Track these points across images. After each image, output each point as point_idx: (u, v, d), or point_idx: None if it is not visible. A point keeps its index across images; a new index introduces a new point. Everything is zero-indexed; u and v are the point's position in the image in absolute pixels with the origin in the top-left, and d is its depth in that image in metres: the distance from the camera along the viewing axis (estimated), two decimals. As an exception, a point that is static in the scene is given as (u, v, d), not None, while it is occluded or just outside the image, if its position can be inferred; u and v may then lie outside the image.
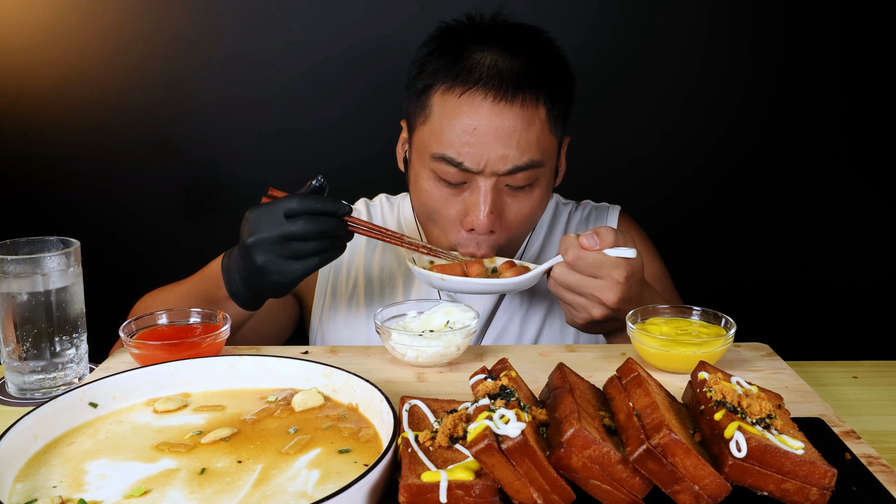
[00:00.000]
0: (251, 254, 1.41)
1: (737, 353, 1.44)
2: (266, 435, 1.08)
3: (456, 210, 1.62)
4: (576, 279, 1.46)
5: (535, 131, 1.57)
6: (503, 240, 1.64)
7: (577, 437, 0.90)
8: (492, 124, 1.54)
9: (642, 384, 1.02)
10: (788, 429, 1.00)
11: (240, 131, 2.63)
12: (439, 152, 1.58)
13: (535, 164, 1.58)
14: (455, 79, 1.57)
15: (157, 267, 2.60)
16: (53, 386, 1.34)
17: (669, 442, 0.89)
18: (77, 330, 1.36)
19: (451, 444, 0.97)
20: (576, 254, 1.44)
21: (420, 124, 1.64)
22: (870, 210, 2.74)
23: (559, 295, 1.50)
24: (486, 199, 1.57)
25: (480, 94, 1.55)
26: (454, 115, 1.56)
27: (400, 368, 1.37)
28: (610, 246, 1.44)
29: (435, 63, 1.61)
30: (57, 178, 2.63)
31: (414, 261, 1.60)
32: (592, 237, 1.44)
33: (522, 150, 1.56)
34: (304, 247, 1.40)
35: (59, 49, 2.56)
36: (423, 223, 1.72)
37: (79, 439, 1.08)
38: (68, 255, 1.34)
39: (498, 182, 1.58)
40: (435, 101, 1.60)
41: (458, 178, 1.58)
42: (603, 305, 1.45)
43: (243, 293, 1.50)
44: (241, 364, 1.23)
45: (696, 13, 2.60)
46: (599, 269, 1.44)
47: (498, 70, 1.56)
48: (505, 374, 1.07)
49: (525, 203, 1.62)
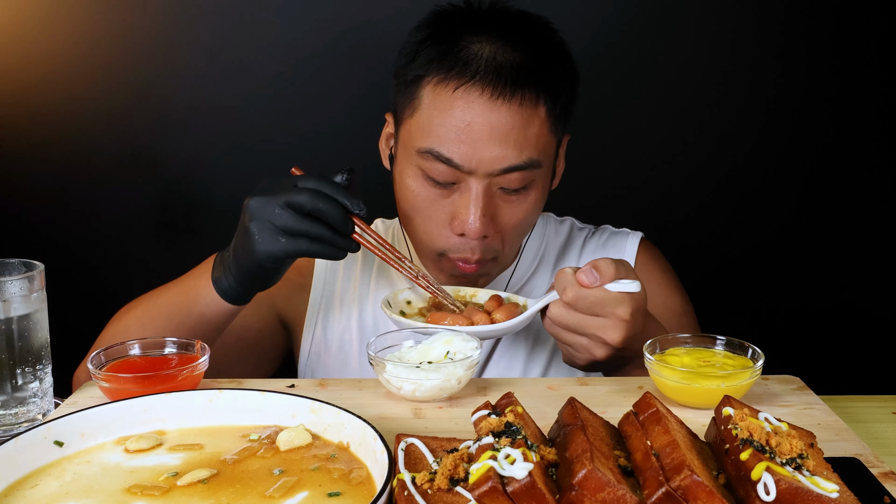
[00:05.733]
0: (246, 211, 1.43)
1: (765, 386, 1.44)
2: (248, 477, 1.09)
3: (445, 212, 1.62)
4: (576, 319, 1.44)
5: (534, 130, 1.58)
6: (498, 244, 1.64)
7: (590, 479, 0.90)
8: (487, 122, 1.55)
9: (661, 421, 1.03)
10: (822, 470, 1.00)
11: (219, 143, 2.64)
12: (427, 146, 1.58)
13: (533, 163, 1.59)
14: (449, 71, 1.57)
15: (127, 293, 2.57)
16: (15, 423, 1.34)
17: (691, 484, 0.90)
18: (41, 361, 1.37)
19: (452, 487, 0.97)
20: (575, 293, 1.43)
21: (408, 117, 1.64)
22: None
23: (557, 336, 1.49)
24: (477, 201, 1.57)
25: (477, 90, 1.55)
26: (446, 109, 1.57)
27: (395, 403, 1.37)
28: (611, 280, 1.42)
29: (428, 52, 1.61)
30: (17, 195, 2.64)
31: (389, 304, 1.59)
32: (591, 273, 1.42)
33: (520, 148, 1.56)
34: (299, 223, 1.41)
35: (18, 52, 2.56)
36: (407, 227, 1.72)
37: (43, 481, 1.08)
38: (31, 280, 1.34)
39: (491, 184, 1.58)
40: (425, 93, 1.60)
41: (448, 178, 1.58)
42: (607, 346, 1.45)
43: (226, 276, 1.50)
44: (220, 399, 1.24)
45: (722, 12, 2.61)
46: (602, 308, 1.42)
47: (496, 64, 1.56)
48: (510, 410, 1.07)
49: (520, 207, 1.63)
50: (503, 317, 1.52)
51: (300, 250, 1.43)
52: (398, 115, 1.68)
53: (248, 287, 1.52)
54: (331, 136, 2.64)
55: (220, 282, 1.52)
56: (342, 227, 1.44)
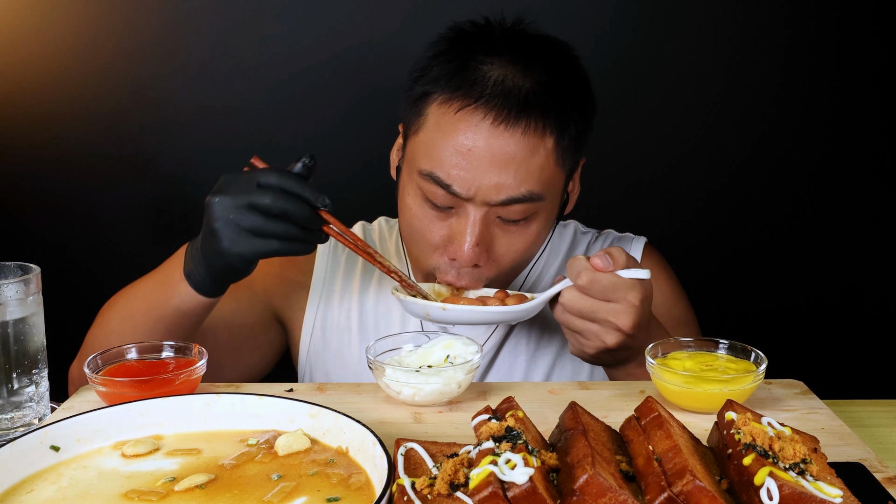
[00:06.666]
0: (210, 211, 1.40)
1: (768, 390, 1.44)
2: (246, 482, 1.09)
3: (440, 235, 1.60)
4: (589, 304, 1.46)
5: (538, 161, 1.55)
6: (490, 273, 1.62)
7: (591, 484, 0.90)
8: (489, 148, 1.52)
9: (663, 425, 1.03)
10: (825, 475, 1.00)
11: (216, 145, 2.64)
12: (427, 169, 1.56)
13: (534, 197, 1.56)
14: (455, 91, 1.55)
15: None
16: (11, 427, 1.34)
17: (693, 489, 0.90)
18: (37, 365, 1.37)
19: (452, 492, 0.97)
20: (590, 277, 1.44)
21: (413, 133, 1.63)
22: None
23: (568, 323, 1.49)
24: (473, 229, 1.55)
25: (480, 113, 1.53)
26: (449, 131, 1.55)
27: (395, 408, 1.37)
28: (623, 267, 1.45)
29: (438, 68, 1.59)
30: (13, 197, 2.64)
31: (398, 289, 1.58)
32: (605, 258, 1.44)
33: (521, 180, 1.54)
34: (267, 225, 1.38)
35: (14, 53, 2.57)
36: (406, 241, 1.71)
37: (39, 486, 1.08)
38: (27, 283, 1.34)
39: (489, 213, 1.56)
40: (431, 112, 1.59)
41: (446, 202, 1.57)
42: (618, 331, 1.45)
43: (198, 270, 1.48)
44: (218, 403, 1.24)
45: (723, 18, 2.62)
46: (615, 293, 1.44)
47: (504, 88, 1.53)
48: (511, 415, 1.07)
49: (518, 238, 1.61)
50: (515, 303, 1.52)
51: (271, 250, 1.41)
52: (406, 131, 1.67)
53: (220, 281, 1.51)
54: (329, 138, 2.65)
55: (192, 275, 1.50)
56: (310, 224, 1.42)
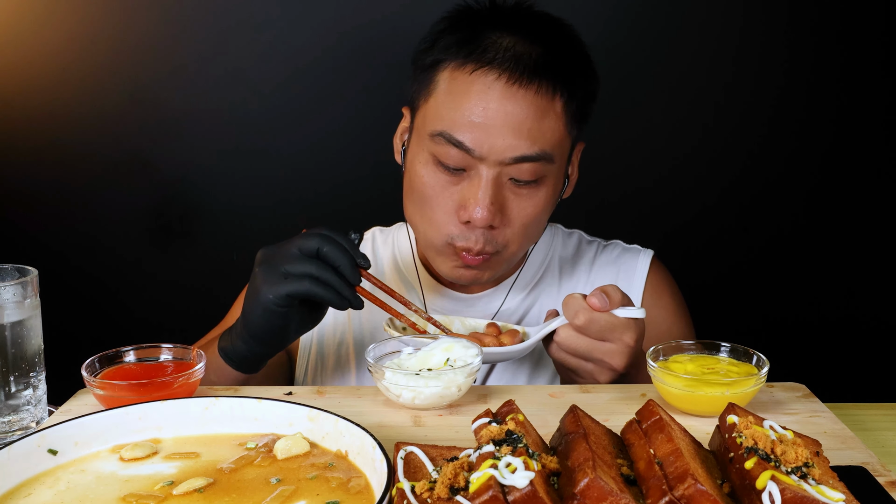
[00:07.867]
0: (257, 259, 1.48)
1: (770, 394, 1.45)
2: (245, 486, 1.09)
3: (452, 200, 1.62)
4: (585, 344, 1.48)
5: (550, 123, 1.59)
6: (503, 238, 1.64)
7: (592, 488, 0.91)
8: (502, 108, 1.56)
9: (664, 429, 1.03)
10: (828, 478, 1.01)
11: (214, 147, 2.65)
12: (440, 129, 1.59)
13: (545, 156, 1.60)
14: (468, 56, 1.60)
15: (122, 298, 2.61)
16: (8, 431, 1.34)
17: (695, 493, 0.90)
18: (34, 368, 1.37)
19: (452, 496, 0.97)
20: (588, 317, 1.46)
21: (423, 102, 1.66)
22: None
23: (563, 361, 1.52)
24: (486, 189, 1.58)
25: (494, 74, 1.57)
26: (463, 93, 1.58)
27: (394, 411, 1.38)
28: (619, 305, 1.47)
29: (448, 38, 1.64)
30: (11, 200, 2.64)
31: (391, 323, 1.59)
32: (602, 297, 1.46)
33: (533, 139, 1.58)
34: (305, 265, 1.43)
35: (12, 55, 2.57)
36: (413, 219, 1.71)
37: (36, 490, 1.08)
38: (25, 285, 1.34)
39: (502, 173, 1.59)
40: (442, 78, 1.62)
41: (459, 163, 1.59)
42: (612, 371, 1.49)
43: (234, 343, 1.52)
44: (217, 406, 1.24)
45: (725, 18, 2.62)
46: (611, 332, 1.46)
47: (515, 52, 1.58)
48: (511, 418, 1.07)
49: (529, 202, 1.63)
50: (510, 342, 1.55)
51: (304, 290, 1.43)
52: (414, 104, 1.70)
53: (255, 347, 1.52)
54: (328, 140, 2.65)
55: (227, 349, 1.54)
56: (349, 274, 1.45)
